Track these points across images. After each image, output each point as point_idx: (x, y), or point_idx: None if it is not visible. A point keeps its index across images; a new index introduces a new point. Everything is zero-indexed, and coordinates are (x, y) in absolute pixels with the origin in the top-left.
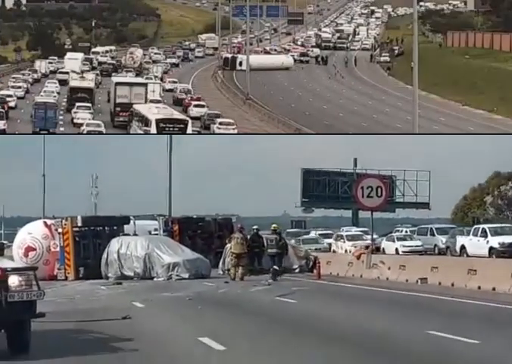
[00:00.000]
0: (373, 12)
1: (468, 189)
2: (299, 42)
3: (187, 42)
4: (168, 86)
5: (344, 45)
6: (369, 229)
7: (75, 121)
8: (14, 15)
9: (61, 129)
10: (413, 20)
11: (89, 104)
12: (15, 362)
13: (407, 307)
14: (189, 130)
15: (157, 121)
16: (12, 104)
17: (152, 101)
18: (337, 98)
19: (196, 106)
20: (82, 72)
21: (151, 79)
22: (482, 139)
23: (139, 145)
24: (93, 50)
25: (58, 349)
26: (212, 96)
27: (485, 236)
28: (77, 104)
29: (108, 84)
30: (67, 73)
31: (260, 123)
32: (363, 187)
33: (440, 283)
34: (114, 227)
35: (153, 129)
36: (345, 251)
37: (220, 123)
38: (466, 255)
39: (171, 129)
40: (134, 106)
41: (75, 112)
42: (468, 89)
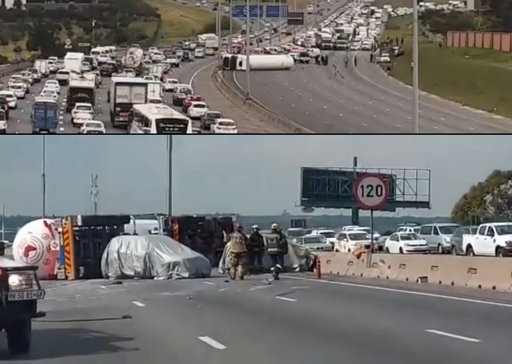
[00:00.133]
0: (373, 12)
1: (468, 188)
2: (299, 42)
3: (187, 42)
4: (168, 86)
5: (344, 45)
6: (371, 228)
7: (75, 121)
8: (14, 15)
9: (61, 129)
10: (413, 20)
11: (89, 104)
12: (15, 361)
13: (407, 306)
14: (189, 130)
15: (157, 121)
16: (12, 104)
17: (152, 101)
18: (337, 98)
19: (196, 106)
20: (82, 72)
21: (151, 79)
22: (482, 139)
23: (139, 145)
24: (93, 50)
25: (58, 349)
26: (212, 96)
27: (492, 234)
28: (77, 104)
29: (108, 84)
30: (67, 73)
31: (260, 123)
32: (363, 186)
33: (440, 282)
34: (114, 227)
35: (153, 129)
36: (348, 250)
37: (220, 123)
38: (473, 254)
39: (171, 129)
40: (134, 106)
41: (75, 112)
42: (468, 89)
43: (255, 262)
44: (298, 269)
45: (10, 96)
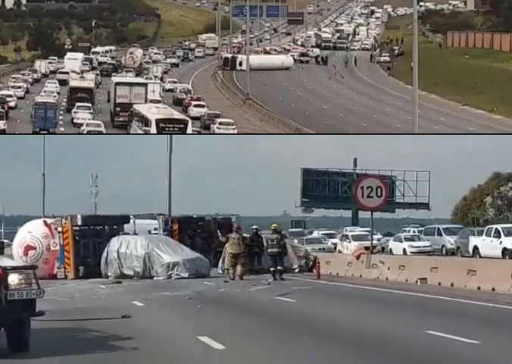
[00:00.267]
0: (373, 12)
1: (468, 190)
2: (299, 42)
3: (187, 42)
4: (168, 86)
5: (344, 45)
6: (374, 229)
7: (75, 121)
8: (14, 15)
9: (61, 129)
10: (413, 20)
11: (89, 104)
12: (15, 360)
13: (406, 307)
14: (189, 130)
15: (157, 121)
16: (12, 104)
17: (152, 101)
18: (337, 98)
19: (196, 106)
20: (82, 72)
21: (151, 79)
22: (482, 140)
23: (139, 146)
24: (93, 50)
25: (58, 348)
26: (212, 96)
27: (499, 236)
28: (77, 104)
29: (108, 84)
30: (67, 73)
31: (260, 123)
32: (363, 187)
33: (440, 283)
34: (114, 227)
35: (153, 129)
36: (351, 251)
37: (220, 123)
38: (479, 256)
39: (171, 129)
40: (134, 106)
41: (75, 112)
42: (468, 89)
43: (255, 263)
44: (297, 270)
45: (10, 96)
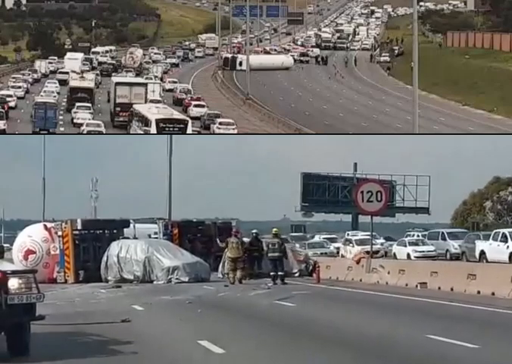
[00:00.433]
0: (373, 12)
1: (468, 195)
2: (299, 42)
3: (187, 42)
4: (168, 86)
5: (344, 45)
6: (376, 233)
7: (75, 121)
8: (14, 15)
9: (61, 129)
10: (413, 20)
11: (89, 104)
12: None
13: (406, 311)
14: (189, 130)
15: (157, 121)
16: (12, 104)
17: (152, 101)
18: (337, 98)
19: (196, 106)
20: (82, 72)
21: (151, 79)
22: (482, 140)
23: (139, 146)
24: (93, 50)
25: (58, 352)
26: (212, 96)
27: (506, 241)
28: (77, 104)
29: (108, 84)
30: (67, 73)
31: (260, 123)
32: (363, 192)
33: (439, 287)
34: (114, 231)
35: (153, 129)
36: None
37: (220, 123)
38: (486, 261)
39: (171, 129)
40: (134, 106)
41: (75, 112)
42: (468, 89)
43: (255, 267)
44: (297, 274)
45: (10, 96)
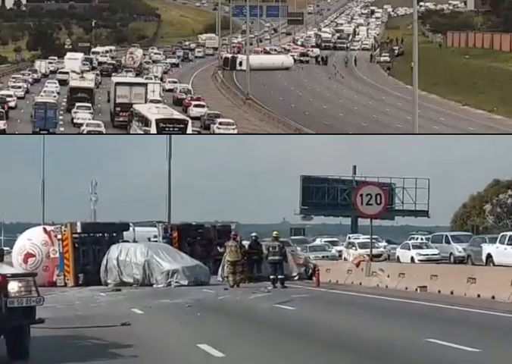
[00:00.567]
0: (373, 12)
1: (467, 197)
2: (299, 42)
3: (187, 42)
4: (168, 86)
5: (344, 45)
6: (378, 237)
7: (75, 121)
8: (14, 15)
9: (61, 129)
10: (413, 20)
11: (89, 104)
12: None
13: (406, 315)
14: (189, 130)
15: (157, 121)
16: (12, 104)
17: (152, 101)
18: (337, 98)
19: (196, 106)
20: (82, 72)
21: (151, 79)
22: (482, 140)
23: (139, 146)
24: (93, 50)
25: (58, 356)
26: (212, 96)
27: None
28: (77, 104)
29: (108, 84)
30: (67, 73)
31: (260, 123)
32: (362, 195)
33: (439, 291)
34: (114, 234)
35: (153, 129)
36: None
37: (220, 123)
38: (493, 264)
39: (171, 129)
40: (134, 106)
41: (75, 112)
42: (468, 89)
43: (254, 270)
44: (296, 278)
45: (10, 96)
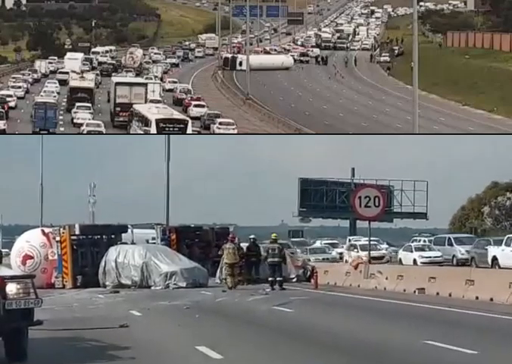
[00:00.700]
0: (373, 12)
1: (466, 200)
2: (299, 42)
3: (187, 42)
4: (168, 86)
5: (344, 45)
6: (380, 239)
7: (75, 121)
8: (14, 15)
9: (61, 129)
10: (413, 20)
11: (89, 104)
12: None
13: (404, 317)
14: (189, 130)
15: (157, 121)
16: (12, 104)
17: (152, 101)
18: (337, 98)
19: (196, 106)
20: (82, 72)
21: (151, 79)
22: (482, 141)
23: (139, 146)
24: (93, 50)
25: (56, 357)
26: (212, 96)
27: None
28: (77, 104)
29: (108, 84)
30: (67, 73)
31: (260, 123)
32: (360, 197)
33: (438, 293)
34: (112, 236)
35: (153, 129)
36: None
37: (220, 123)
38: (498, 267)
39: (171, 129)
40: (134, 106)
41: (75, 112)
42: (468, 89)
43: (252, 272)
44: (295, 280)
45: (10, 96)
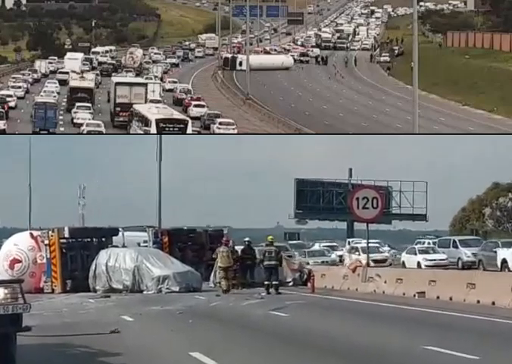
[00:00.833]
0: (373, 12)
1: (466, 201)
2: (299, 42)
3: (187, 42)
4: (168, 86)
5: (344, 45)
6: (381, 241)
7: (75, 121)
8: (14, 15)
9: (61, 129)
10: (413, 20)
11: (89, 104)
12: None
13: (403, 321)
14: (189, 130)
15: (157, 121)
16: (12, 104)
17: (152, 101)
18: (337, 98)
19: (196, 106)
20: (82, 72)
21: (151, 79)
22: (482, 141)
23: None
24: (93, 50)
25: None
26: (212, 96)
27: None
28: (77, 104)
29: (108, 84)
30: (67, 73)
31: (260, 123)
32: (358, 198)
33: (438, 297)
34: (102, 239)
35: (153, 129)
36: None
37: (220, 123)
38: (508, 270)
39: (171, 129)
40: (134, 106)
41: (75, 112)
42: (468, 89)
43: (247, 276)
44: (291, 283)
45: (10, 96)
